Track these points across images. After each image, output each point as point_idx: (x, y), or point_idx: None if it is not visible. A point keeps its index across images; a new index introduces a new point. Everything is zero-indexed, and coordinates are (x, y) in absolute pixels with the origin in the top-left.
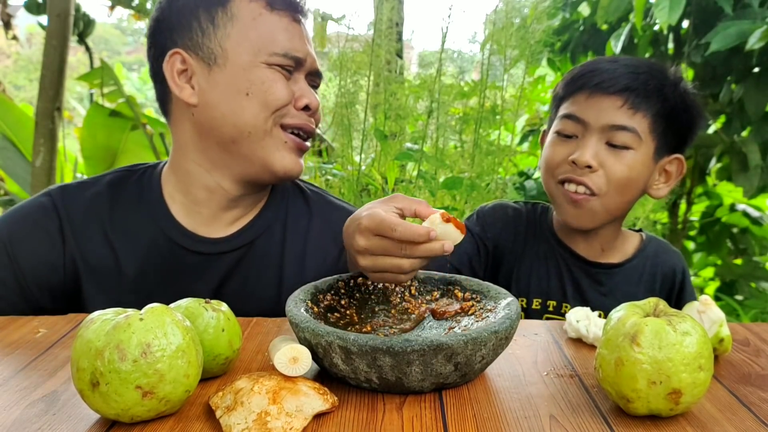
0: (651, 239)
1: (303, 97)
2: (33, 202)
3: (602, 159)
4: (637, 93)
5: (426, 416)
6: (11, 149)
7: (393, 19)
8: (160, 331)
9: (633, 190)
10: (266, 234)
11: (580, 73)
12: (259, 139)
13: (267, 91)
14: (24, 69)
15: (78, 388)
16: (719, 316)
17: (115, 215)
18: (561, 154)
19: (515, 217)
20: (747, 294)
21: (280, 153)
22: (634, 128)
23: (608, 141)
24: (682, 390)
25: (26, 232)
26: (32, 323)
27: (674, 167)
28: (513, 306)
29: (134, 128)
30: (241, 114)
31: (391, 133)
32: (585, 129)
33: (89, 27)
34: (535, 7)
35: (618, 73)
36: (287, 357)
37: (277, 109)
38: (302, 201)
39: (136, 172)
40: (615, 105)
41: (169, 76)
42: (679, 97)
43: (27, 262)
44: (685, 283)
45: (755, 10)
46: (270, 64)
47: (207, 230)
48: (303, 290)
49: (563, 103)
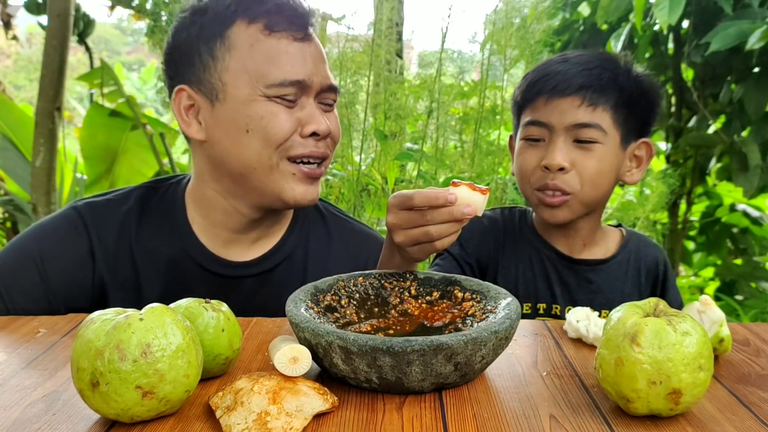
0: (631, 234)
1: (309, 124)
2: (60, 218)
3: (572, 158)
4: (593, 89)
5: (426, 416)
6: (11, 149)
7: (393, 19)
8: (160, 331)
9: (606, 182)
10: (287, 261)
11: (534, 79)
12: (266, 174)
13: (266, 127)
14: (24, 69)
15: (78, 388)
16: (719, 316)
17: (141, 234)
18: (532, 160)
19: (491, 227)
20: (747, 294)
21: (289, 185)
22: (597, 123)
23: (575, 139)
24: (682, 390)
25: (57, 251)
26: (32, 323)
27: (643, 151)
28: (513, 306)
29: (134, 128)
30: (243, 151)
31: (391, 133)
32: (550, 132)
33: (89, 27)
34: (535, 7)
35: (571, 74)
36: (287, 357)
37: (281, 143)
38: (323, 226)
39: (160, 189)
40: (574, 104)
41: (176, 113)
42: (634, 84)
43: (57, 282)
44: (667, 274)
45: (755, 10)
46: (269, 96)
47: (227, 252)
48: (303, 290)
49: (524, 110)
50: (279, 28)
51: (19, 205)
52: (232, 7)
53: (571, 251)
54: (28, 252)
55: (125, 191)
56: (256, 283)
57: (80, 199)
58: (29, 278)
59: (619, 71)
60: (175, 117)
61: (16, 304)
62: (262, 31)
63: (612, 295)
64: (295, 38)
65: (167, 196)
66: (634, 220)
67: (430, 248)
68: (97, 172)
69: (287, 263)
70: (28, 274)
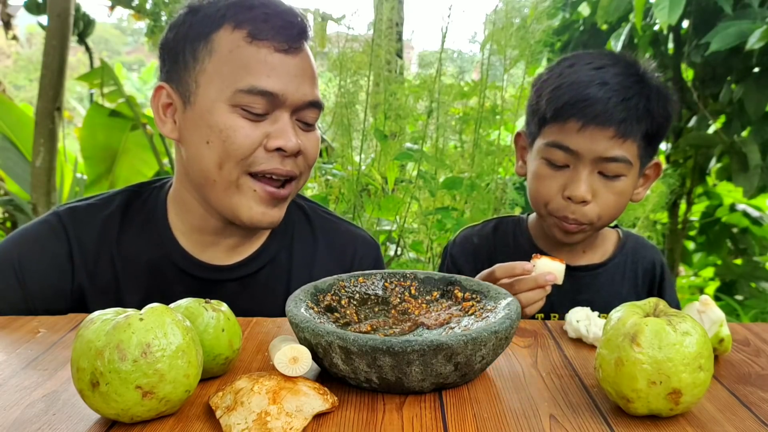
0: (628, 235)
1: (276, 139)
2: (42, 224)
3: (595, 189)
4: (629, 122)
5: (426, 416)
6: (11, 149)
7: (393, 19)
8: (160, 331)
9: (622, 209)
10: (271, 264)
11: (571, 102)
12: (224, 189)
13: (226, 141)
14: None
15: (78, 388)
16: (719, 316)
17: (122, 238)
18: (553, 187)
19: (483, 244)
20: (747, 294)
21: (248, 204)
22: (625, 157)
23: (600, 171)
24: (682, 390)
25: (35, 256)
26: (32, 323)
27: (652, 170)
28: (513, 306)
29: (134, 128)
30: (203, 162)
31: (391, 133)
32: (577, 160)
33: (89, 27)
34: (535, 7)
35: (612, 104)
36: (287, 357)
37: (243, 158)
38: (308, 229)
39: (144, 193)
40: (606, 135)
41: (153, 110)
42: (662, 109)
43: (36, 286)
44: (664, 276)
45: (755, 10)
46: (233, 105)
47: (208, 256)
48: (303, 290)
49: (550, 124)
50: (262, 36)
51: (19, 205)
52: (221, 11)
53: (571, 259)
54: (7, 257)
55: (108, 195)
56: (238, 287)
57: (63, 204)
58: (7, 282)
59: (651, 95)
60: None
61: None
62: (245, 37)
63: (609, 299)
64: (277, 49)
65: (150, 200)
66: (634, 220)
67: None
68: (97, 172)
69: (270, 267)
70: (6, 279)
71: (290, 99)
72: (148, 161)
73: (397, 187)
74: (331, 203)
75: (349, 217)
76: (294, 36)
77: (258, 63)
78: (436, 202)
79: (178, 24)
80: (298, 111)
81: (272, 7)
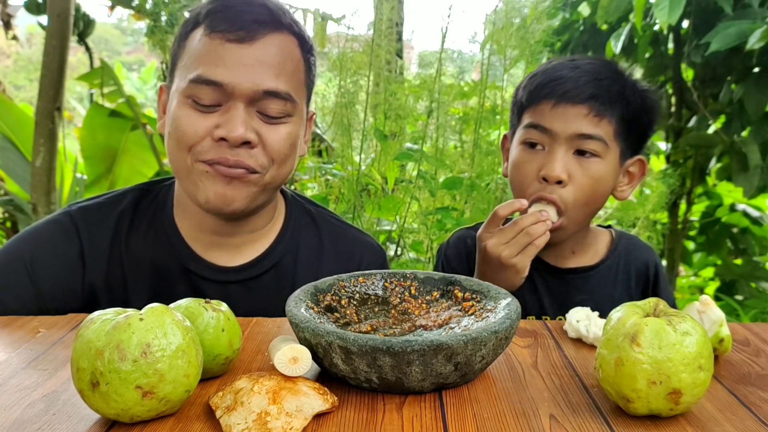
0: (621, 236)
1: (219, 128)
2: (53, 223)
3: (571, 170)
4: (602, 100)
5: (426, 416)
6: (11, 149)
7: (393, 19)
8: (160, 331)
9: (599, 199)
10: (275, 269)
11: (542, 82)
12: (185, 176)
13: (177, 129)
14: (24, 69)
15: (78, 388)
16: (719, 316)
17: (131, 236)
18: (531, 170)
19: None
20: (747, 294)
21: (202, 185)
22: (600, 136)
23: (576, 150)
24: (682, 390)
25: (48, 255)
26: (32, 323)
27: (636, 168)
28: (513, 306)
29: (134, 128)
30: (169, 152)
31: (391, 133)
32: (552, 139)
33: (89, 27)
34: (535, 7)
35: (582, 82)
36: (287, 357)
37: (191, 147)
38: (315, 234)
39: (154, 190)
40: (581, 113)
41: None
42: (639, 99)
43: (47, 285)
44: (659, 277)
45: (755, 10)
46: (186, 96)
47: (213, 256)
48: (303, 290)
49: (527, 111)
50: (217, 28)
51: (19, 205)
52: (197, 10)
53: (559, 261)
54: (19, 256)
55: (120, 192)
56: (241, 289)
57: (75, 203)
58: (20, 282)
59: (627, 84)
60: None
61: (5, 307)
62: (205, 31)
63: (601, 302)
64: (228, 39)
65: (159, 198)
66: (634, 220)
67: (533, 249)
68: (97, 172)
69: (275, 271)
70: (18, 278)
71: (238, 88)
72: (148, 161)
73: (397, 187)
74: (331, 203)
75: (349, 217)
76: (247, 24)
77: (208, 54)
78: (436, 202)
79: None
80: (255, 102)
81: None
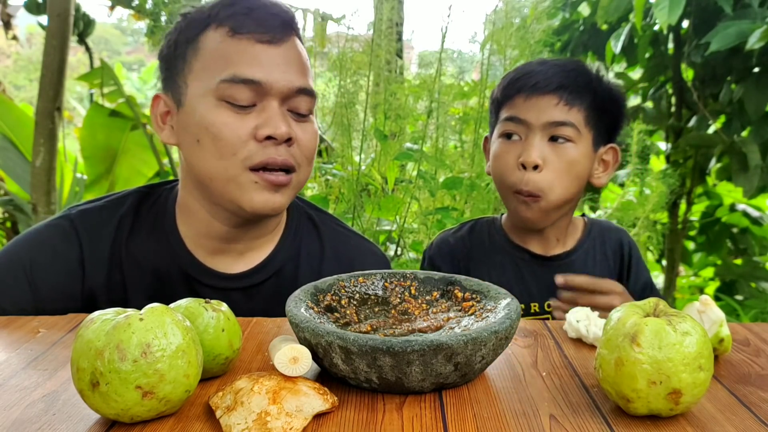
0: (593, 222)
1: (264, 127)
2: (53, 227)
3: (546, 156)
4: (570, 90)
5: (426, 416)
6: (11, 149)
7: (393, 19)
8: (160, 331)
9: (577, 182)
10: (276, 276)
11: (515, 77)
12: (224, 185)
13: (215, 137)
14: (24, 69)
15: (78, 388)
16: (719, 316)
17: (131, 240)
18: (509, 160)
19: (458, 245)
20: (747, 294)
21: (249, 195)
22: (572, 122)
23: (550, 137)
24: (682, 390)
25: (47, 260)
26: (32, 323)
27: (610, 156)
28: (513, 306)
29: (134, 128)
30: (198, 162)
31: (391, 133)
32: (528, 129)
33: (89, 27)
34: (535, 7)
35: (550, 74)
36: (287, 357)
37: (235, 153)
38: (317, 240)
39: (154, 194)
40: (551, 103)
41: (153, 120)
42: (606, 91)
43: (46, 289)
44: (632, 253)
45: (755, 10)
46: (218, 98)
47: (214, 263)
48: (303, 290)
49: (503, 107)
50: (244, 30)
51: (19, 205)
52: (206, 12)
53: (545, 249)
54: (18, 260)
55: (121, 195)
56: (242, 297)
57: (75, 205)
58: (18, 286)
59: (593, 77)
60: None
61: (3, 311)
62: (227, 32)
63: None
64: (259, 40)
65: (159, 202)
66: (634, 220)
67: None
68: (97, 172)
69: (276, 279)
70: (17, 282)
71: (275, 86)
72: (148, 161)
73: (397, 187)
74: (331, 203)
75: (348, 217)
76: (276, 27)
77: (239, 54)
78: (436, 202)
79: (172, 33)
80: (287, 100)
81: (254, 2)
